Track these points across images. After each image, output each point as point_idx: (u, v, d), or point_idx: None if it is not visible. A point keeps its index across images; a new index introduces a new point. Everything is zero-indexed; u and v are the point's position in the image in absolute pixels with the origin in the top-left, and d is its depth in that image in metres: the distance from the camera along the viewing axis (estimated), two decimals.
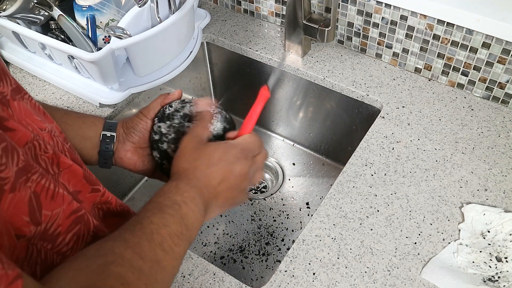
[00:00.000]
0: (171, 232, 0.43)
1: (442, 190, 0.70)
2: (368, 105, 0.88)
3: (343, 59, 0.94)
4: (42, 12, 0.83)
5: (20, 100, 0.43)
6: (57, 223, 0.39)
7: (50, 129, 0.46)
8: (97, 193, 0.48)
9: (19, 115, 0.42)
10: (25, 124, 0.42)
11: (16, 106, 0.42)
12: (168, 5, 0.81)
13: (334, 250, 0.64)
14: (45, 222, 0.37)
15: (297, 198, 0.99)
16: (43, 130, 0.44)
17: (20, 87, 0.45)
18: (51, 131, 0.46)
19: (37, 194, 0.37)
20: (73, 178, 0.45)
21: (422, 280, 0.60)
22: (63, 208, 0.40)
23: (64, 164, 0.43)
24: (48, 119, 0.48)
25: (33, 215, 0.36)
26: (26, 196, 0.35)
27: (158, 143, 0.58)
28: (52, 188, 0.38)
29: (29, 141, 0.39)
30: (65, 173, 0.43)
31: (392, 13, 0.85)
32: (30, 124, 0.43)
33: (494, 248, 0.63)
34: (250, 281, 0.86)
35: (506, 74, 0.80)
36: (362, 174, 0.73)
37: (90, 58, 0.78)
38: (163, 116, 0.59)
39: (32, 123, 0.43)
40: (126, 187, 1.01)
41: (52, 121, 0.49)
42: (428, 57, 0.86)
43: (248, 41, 1.00)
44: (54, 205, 0.38)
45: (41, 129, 0.44)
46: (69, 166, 0.44)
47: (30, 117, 0.44)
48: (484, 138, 0.77)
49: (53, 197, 0.38)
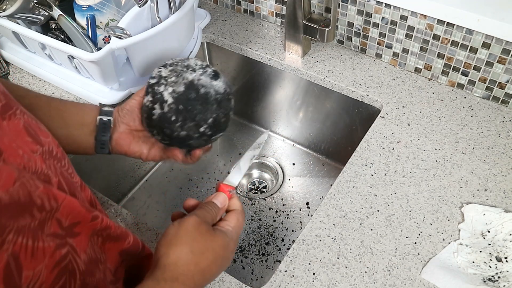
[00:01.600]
0: None
1: (442, 190, 0.70)
2: (368, 105, 0.88)
3: (343, 59, 0.94)
4: (42, 12, 0.83)
5: (11, 117, 0.40)
6: (40, 282, 0.35)
7: (42, 151, 0.42)
8: (97, 220, 0.44)
9: (9, 137, 0.38)
10: (15, 147, 0.38)
11: (6, 126, 0.38)
12: (168, 5, 0.81)
13: (334, 250, 0.64)
14: (25, 284, 0.33)
15: (297, 198, 0.99)
16: (34, 152, 0.40)
17: (11, 102, 0.41)
18: (44, 152, 0.42)
19: (16, 255, 0.32)
20: (72, 210, 0.41)
21: (422, 280, 0.60)
22: (46, 263, 0.35)
23: (60, 196, 0.39)
24: (43, 134, 0.44)
25: (10, 282, 0.32)
26: (2, 262, 0.31)
27: (155, 86, 0.57)
28: (30, 244, 0.34)
29: (15, 181, 0.34)
30: (64, 207, 0.39)
31: (392, 13, 0.85)
32: (20, 147, 0.39)
33: (494, 248, 0.63)
34: (250, 281, 0.86)
35: (506, 74, 0.80)
36: (362, 174, 0.73)
37: (90, 58, 0.78)
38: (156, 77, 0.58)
39: (23, 146, 0.39)
40: (126, 187, 1.01)
41: (48, 135, 0.45)
42: (428, 57, 0.86)
43: (248, 41, 1.00)
44: (35, 263, 0.34)
45: (32, 151, 0.40)
46: (62, 199, 0.39)
47: (21, 139, 0.39)
48: (484, 138, 0.77)
49: (33, 254, 0.34)
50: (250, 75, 1.03)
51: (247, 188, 1.03)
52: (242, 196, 1.00)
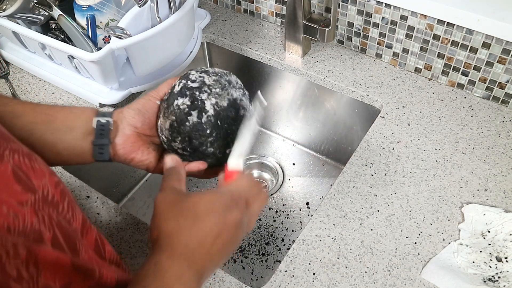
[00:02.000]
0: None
1: (442, 190, 0.70)
2: (368, 105, 0.88)
3: (343, 59, 0.94)
4: (42, 12, 0.83)
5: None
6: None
7: (34, 200, 0.36)
8: (92, 280, 0.39)
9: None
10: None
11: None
12: (168, 5, 0.81)
13: (334, 250, 0.64)
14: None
15: (297, 198, 0.99)
16: (24, 204, 0.35)
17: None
18: (36, 201, 0.37)
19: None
20: (59, 272, 0.35)
21: (422, 280, 0.60)
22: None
23: (44, 262, 0.34)
24: (37, 175, 0.38)
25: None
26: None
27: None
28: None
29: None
30: (47, 271, 0.34)
31: (392, 13, 0.85)
32: (5, 202, 0.34)
33: (494, 248, 0.63)
34: (250, 281, 0.86)
35: (506, 74, 0.80)
36: (362, 174, 0.73)
37: (90, 58, 0.78)
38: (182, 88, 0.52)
39: (9, 199, 0.34)
40: (126, 187, 1.01)
41: (43, 175, 0.39)
42: (428, 57, 0.86)
43: (248, 41, 1.00)
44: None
45: (21, 203, 0.35)
46: (51, 261, 0.35)
47: (7, 190, 0.35)
48: (484, 138, 0.77)
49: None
50: (250, 75, 1.03)
51: None
52: None
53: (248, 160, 1.07)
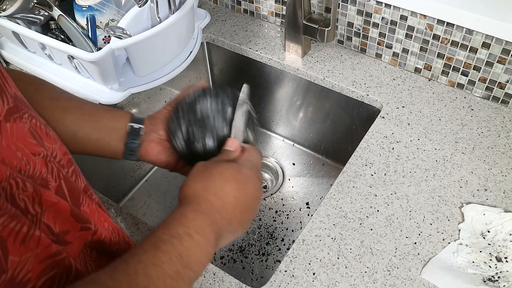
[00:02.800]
0: (163, 272, 0.37)
1: (442, 190, 0.70)
2: (368, 105, 0.88)
3: (343, 59, 0.94)
4: (42, 12, 0.83)
5: (17, 120, 0.39)
6: (26, 269, 0.34)
7: (46, 154, 0.41)
8: (88, 231, 0.43)
9: (10, 138, 0.38)
10: (14, 149, 0.37)
11: (8, 128, 0.38)
12: (168, 5, 0.81)
13: (334, 250, 0.64)
14: (12, 269, 0.33)
15: (297, 198, 0.99)
16: (36, 155, 0.40)
17: (20, 105, 0.41)
18: (47, 155, 0.41)
19: (3, 240, 0.33)
20: (58, 217, 0.39)
21: (422, 280, 0.60)
22: (36, 253, 0.35)
23: (47, 203, 0.38)
24: (49, 140, 0.43)
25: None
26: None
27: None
28: (24, 231, 0.34)
29: (4, 180, 0.35)
30: (49, 212, 0.39)
31: (392, 13, 0.85)
32: (20, 149, 0.38)
33: (494, 248, 0.63)
34: (250, 281, 0.86)
35: (506, 74, 0.80)
36: (362, 174, 0.73)
37: (90, 58, 0.78)
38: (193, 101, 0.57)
39: (24, 148, 0.39)
40: (126, 187, 1.02)
41: (55, 142, 0.44)
42: (428, 57, 0.86)
43: (248, 41, 1.00)
44: (23, 249, 0.34)
45: (34, 154, 0.40)
46: (53, 204, 0.39)
47: (23, 141, 0.39)
48: (484, 138, 0.77)
49: (24, 241, 0.34)
50: (250, 75, 1.03)
51: None
52: None
53: None
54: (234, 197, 0.46)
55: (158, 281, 0.37)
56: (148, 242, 0.40)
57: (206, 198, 0.45)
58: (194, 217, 0.43)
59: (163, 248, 0.39)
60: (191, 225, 0.42)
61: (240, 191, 0.47)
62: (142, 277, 0.36)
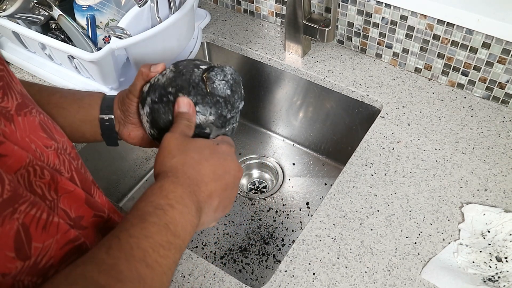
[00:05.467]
0: (155, 243, 0.38)
1: (442, 190, 0.70)
2: (368, 105, 0.88)
3: (343, 59, 0.94)
4: (42, 12, 0.83)
5: (27, 115, 0.41)
6: (49, 255, 0.36)
7: (57, 147, 0.43)
8: (101, 218, 0.44)
9: (23, 131, 0.39)
10: (28, 141, 0.39)
11: (21, 121, 0.39)
12: (168, 5, 0.81)
13: (334, 250, 0.64)
14: (35, 256, 0.34)
15: (297, 198, 0.99)
16: (48, 147, 0.41)
17: (27, 101, 0.42)
18: (58, 148, 0.43)
19: (26, 226, 0.33)
20: (74, 203, 0.41)
21: (422, 280, 0.60)
22: (57, 239, 0.36)
23: (62, 190, 0.40)
24: (58, 133, 0.45)
25: (20, 250, 0.33)
26: (12, 230, 0.32)
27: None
28: (44, 218, 0.35)
29: (23, 167, 0.36)
30: (65, 198, 0.40)
31: (392, 13, 0.85)
32: (34, 141, 0.40)
33: (494, 248, 0.63)
34: (250, 281, 0.86)
35: (506, 74, 0.80)
36: (362, 174, 0.73)
37: (90, 58, 0.78)
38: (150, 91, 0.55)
39: (37, 140, 0.40)
40: (126, 187, 1.02)
41: (63, 136, 0.46)
42: (428, 57, 0.86)
43: (248, 41, 1.00)
44: (46, 236, 0.35)
45: (46, 146, 0.41)
46: (69, 191, 0.40)
47: (35, 134, 0.40)
48: (484, 138, 0.77)
49: (45, 228, 0.35)
50: (250, 75, 1.03)
51: (247, 188, 1.03)
52: (242, 196, 1.00)
53: (248, 160, 1.07)
54: (213, 172, 0.46)
55: (153, 252, 0.38)
56: (133, 216, 0.40)
57: (184, 172, 0.45)
58: (173, 188, 0.43)
59: (150, 220, 0.39)
60: (171, 196, 0.42)
61: (219, 167, 0.47)
62: (137, 250, 0.37)
